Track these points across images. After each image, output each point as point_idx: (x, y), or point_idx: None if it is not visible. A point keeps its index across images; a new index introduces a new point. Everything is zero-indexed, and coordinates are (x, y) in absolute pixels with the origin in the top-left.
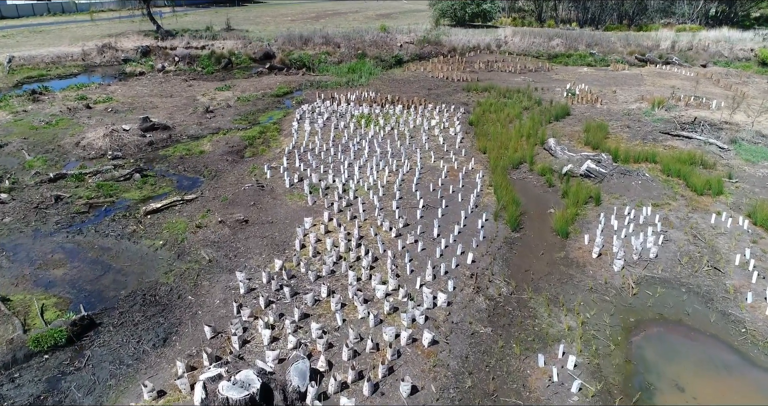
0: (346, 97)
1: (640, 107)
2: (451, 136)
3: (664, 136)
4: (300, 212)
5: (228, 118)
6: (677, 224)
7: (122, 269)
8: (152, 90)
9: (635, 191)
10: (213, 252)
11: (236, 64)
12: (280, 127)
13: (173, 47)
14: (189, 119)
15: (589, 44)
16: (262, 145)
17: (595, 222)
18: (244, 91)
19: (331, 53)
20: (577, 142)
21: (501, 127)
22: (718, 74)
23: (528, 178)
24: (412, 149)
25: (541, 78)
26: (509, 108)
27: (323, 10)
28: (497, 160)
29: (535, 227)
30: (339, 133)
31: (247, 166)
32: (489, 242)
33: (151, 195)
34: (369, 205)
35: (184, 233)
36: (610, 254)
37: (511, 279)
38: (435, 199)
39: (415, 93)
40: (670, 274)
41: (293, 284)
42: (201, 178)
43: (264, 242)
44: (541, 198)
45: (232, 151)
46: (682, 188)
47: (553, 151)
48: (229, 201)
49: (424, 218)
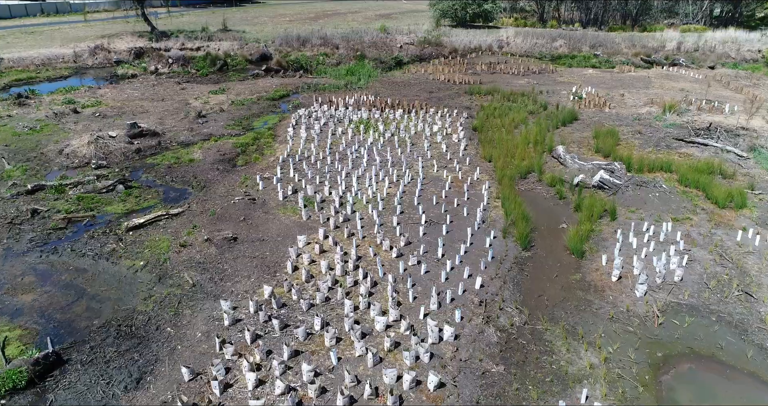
0: (345, 101)
1: (651, 112)
2: (454, 143)
3: (678, 143)
4: (293, 228)
5: (221, 123)
6: (701, 242)
7: (97, 294)
8: (143, 93)
9: (653, 204)
10: (197, 275)
11: (232, 66)
12: (275, 133)
13: (167, 49)
14: (180, 125)
15: (593, 45)
16: (255, 153)
17: (612, 239)
18: (239, 95)
19: (329, 55)
20: (587, 150)
21: (506, 133)
22: (728, 76)
23: (537, 190)
24: (414, 157)
25: (545, 80)
26: (514, 112)
27: (322, 10)
28: (503, 169)
29: (547, 244)
30: (336, 140)
31: (239, 177)
32: (498, 263)
33: (134, 208)
34: (368, 220)
35: (167, 253)
36: (630, 277)
37: (523, 306)
38: (439, 214)
39: (416, 96)
40: (697, 300)
41: (283, 314)
42: (189, 190)
43: (253, 262)
44: (552, 212)
45: (223, 160)
46: (702, 201)
47: (563, 159)
48: (217, 216)
49: (428, 235)
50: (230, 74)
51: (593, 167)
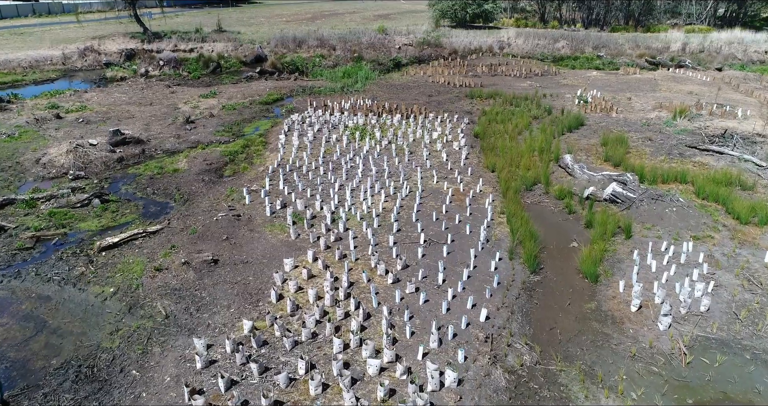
0: (340, 106)
1: (660, 116)
2: (455, 150)
3: (692, 151)
4: (280, 248)
5: (210, 129)
6: (725, 264)
7: (59, 327)
8: (131, 97)
9: (670, 220)
10: (172, 304)
11: (225, 68)
12: (266, 140)
13: (159, 50)
14: (167, 131)
15: (596, 46)
16: (244, 162)
17: (628, 261)
18: (231, 99)
19: (325, 56)
20: (596, 158)
21: (509, 140)
22: (736, 79)
23: (544, 203)
24: (412, 167)
25: (548, 83)
26: (517, 117)
27: (320, 10)
28: (508, 180)
29: (557, 266)
30: (330, 148)
31: (225, 189)
32: (505, 290)
33: (110, 225)
34: (362, 239)
35: (140, 278)
36: (652, 307)
37: (534, 342)
38: (439, 232)
39: (415, 100)
40: (727, 334)
41: (264, 354)
42: (171, 203)
43: (235, 289)
44: (561, 228)
45: (209, 170)
46: (723, 216)
47: (571, 169)
48: (198, 234)
49: (427, 257)
50: (223, 77)
51: (603, 178)
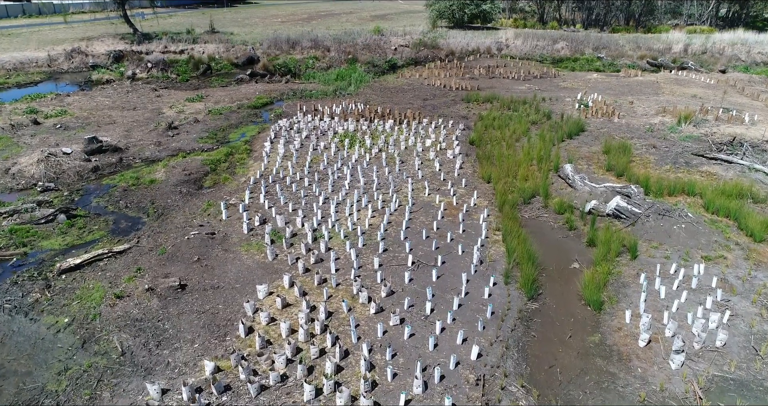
0: (331, 110)
1: (664, 122)
2: (448, 159)
3: (699, 160)
4: (256, 270)
5: (193, 135)
6: (741, 289)
7: (2, 365)
8: (115, 101)
9: (678, 238)
10: (130, 338)
11: (216, 71)
12: (251, 148)
13: (149, 52)
14: (147, 138)
15: (596, 47)
16: (225, 172)
17: (635, 285)
18: (218, 103)
19: (319, 58)
20: (597, 167)
21: (507, 147)
22: (741, 81)
23: (543, 218)
24: (403, 178)
25: (547, 86)
26: (515, 123)
27: (316, 11)
28: (504, 193)
29: (557, 291)
30: (317, 157)
31: (203, 202)
32: (499, 321)
33: (76, 243)
34: (344, 260)
35: (98, 306)
36: (662, 341)
37: (531, 384)
38: (429, 252)
39: (409, 104)
40: (747, 373)
41: (225, 403)
42: (143, 219)
43: (201, 320)
44: (561, 246)
45: (188, 180)
46: (735, 233)
47: (571, 180)
48: (168, 254)
49: (415, 281)
50: (212, 79)
51: (606, 191)
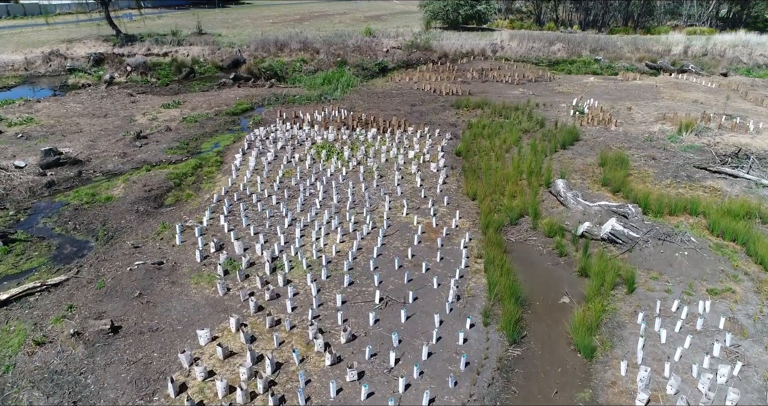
0: (312, 117)
1: (664, 130)
2: (432, 173)
3: (701, 173)
4: (203, 308)
5: (163, 145)
6: (752, 330)
7: None
8: (86, 108)
9: (680, 267)
10: (42, 397)
11: (200, 74)
12: (222, 160)
13: (132, 54)
14: (113, 148)
15: (593, 49)
16: (190, 188)
17: (631, 325)
18: (195, 109)
19: (307, 61)
20: (592, 182)
21: (495, 159)
22: (744, 85)
23: (531, 242)
24: (380, 195)
25: (542, 90)
26: (506, 131)
27: (309, 11)
28: (490, 212)
29: (543, 333)
30: (290, 170)
31: (159, 223)
32: (474, 373)
33: (10, 273)
34: (304, 296)
35: (15, 355)
36: (663, 400)
37: None
38: (400, 286)
39: (396, 111)
40: None
41: None
42: (91, 243)
43: (130, 373)
44: (550, 277)
45: (148, 198)
46: (743, 260)
47: (563, 198)
48: (107, 288)
49: (381, 323)
50: (194, 83)
51: (601, 210)
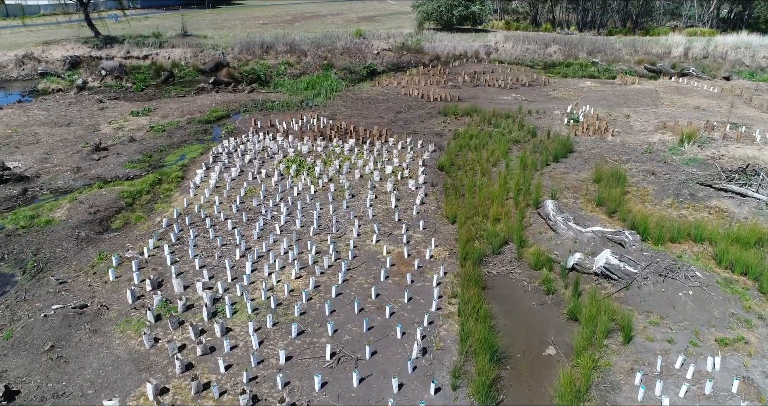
0: (288, 126)
1: (664, 140)
2: (409, 191)
3: (706, 191)
4: (124, 365)
5: (123, 158)
6: None
7: None
8: (50, 115)
9: (685, 309)
10: None
11: (179, 78)
12: (185, 175)
13: (110, 57)
14: (68, 162)
15: (590, 51)
16: (142, 209)
17: (627, 387)
18: (166, 117)
19: (292, 64)
20: (586, 201)
21: (481, 174)
22: (747, 90)
23: (515, 275)
24: (350, 218)
25: (535, 95)
26: (494, 142)
27: (302, 12)
28: (470, 239)
29: (523, 397)
30: (254, 188)
31: (97, 252)
32: None
33: None
34: (243, 350)
35: None
36: None
37: None
38: (358, 336)
39: (380, 118)
40: None
41: None
42: (16, 277)
43: None
44: (534, 319)
45: (93, 221)
46: (756, 299)
47: (553, 222)
48: (14, 340)
49: (328, 387)
50: (171, 88)
51: (594, 237)
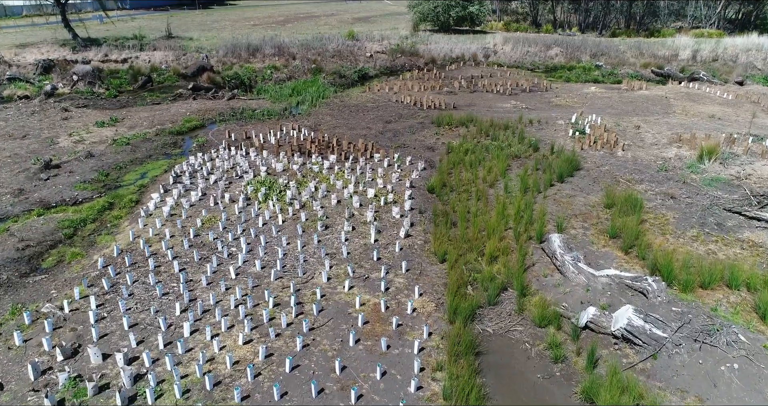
0: (265, 139)
1: (681, 155)
2: (393, 221)
3: (735, 219)
4: None
5: (75, 178)
6: None
7: None
8: (6, 127)
9: (729, 389)
10: None
11: (158, 83)
12: (140, 198)
13: (86, 60)
14: (10, 182)
15: (593, 54)
16: (82, 243)
17: None
18: (133, 127)
19: (279, 68)
20: (597, 232)
21: (476, 198)
22: (764, 96)
23: (515, 334)
24: (320, 256)
25: (537, 102)
26: (492, 158)
27: (296, 13)
28: (461, 286)
29: None
30: (214, 216)
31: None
32: None
33: None
34: None
35: None
36: None
37: None
38: None
39: (367, 128)
40: None
41: None
42: None
43: None
44: (539, 399)
45: (20, 259)
46: None
47: (560, 262)
48: None
49: None
50: (147, 95)
51: (610, 283)
